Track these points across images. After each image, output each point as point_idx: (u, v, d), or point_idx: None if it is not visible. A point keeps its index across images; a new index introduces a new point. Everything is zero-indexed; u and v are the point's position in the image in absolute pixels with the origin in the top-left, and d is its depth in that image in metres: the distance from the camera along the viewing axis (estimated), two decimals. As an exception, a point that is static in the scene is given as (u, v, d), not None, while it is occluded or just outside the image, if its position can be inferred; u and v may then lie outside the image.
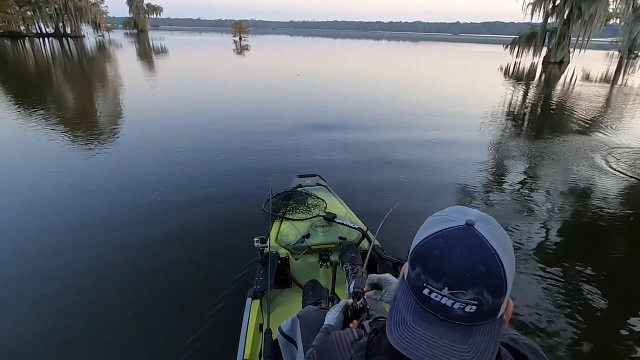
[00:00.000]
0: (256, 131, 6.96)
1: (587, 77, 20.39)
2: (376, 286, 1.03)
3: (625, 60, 35.47)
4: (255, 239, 2.05)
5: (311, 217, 2.40)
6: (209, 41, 53.15)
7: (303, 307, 1.78)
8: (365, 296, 1.04)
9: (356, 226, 2.24)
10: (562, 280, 2.93)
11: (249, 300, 1.82)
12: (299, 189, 2.79)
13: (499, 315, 0.52)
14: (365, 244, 2.21)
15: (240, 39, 51.31)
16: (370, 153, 5.90)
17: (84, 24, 44.25)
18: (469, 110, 9.84)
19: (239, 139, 6.43)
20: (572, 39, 24.72)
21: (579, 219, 4.12)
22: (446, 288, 0.50)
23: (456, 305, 0.50)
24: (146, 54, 27.44)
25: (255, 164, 5.25)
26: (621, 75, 22.14)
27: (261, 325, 1.79)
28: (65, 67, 17.44)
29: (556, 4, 23.81)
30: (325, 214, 2.38)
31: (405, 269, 0.59)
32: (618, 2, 21.57)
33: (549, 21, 24.89)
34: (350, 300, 1.09)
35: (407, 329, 0.52)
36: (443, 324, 0.51)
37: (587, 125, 8.43)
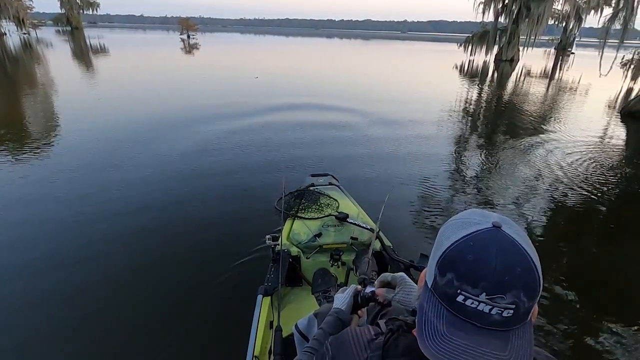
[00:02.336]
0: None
1: (534, 74, 21.49)
2: (389, 285, 1.00)
3: (561, 57, 38.27)
4: (267, 236, 2.09)
5: (323, 217, 2.41)
6: (154, 39, 49.67)
7: (313, 294, 1.95)
8: (376, 294, 1.01)
9: (368, 226, 2.25)
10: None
11: (259, 297, 1.83)
12: (311, 188, 2.79)
13: (529, 318, 0.51)
14: (377, 244, 2.17)
15: (189, 37, 48.25)
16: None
17: (3, 21, 39.02)
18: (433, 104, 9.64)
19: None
20: (521, 37, 25.75)
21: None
22: (484, 293, 0.48)
23: (494, 311, 0.48)
24: (83, 53, 24.60)
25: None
26: (557, 72, 23.88)
27: (271, 323, 1.79)
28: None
29: (505, 3, 24.60)
30: (337, 213, 2.39)
31: (424, 275, 0.58)
32: (563, 2, 22.69)
33: (499, 20, 25.66)
34: (360, 287, 1.07)
35: (443, 340, 0.50)
36: (480, 332, 0.49)
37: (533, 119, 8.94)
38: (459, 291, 0.49)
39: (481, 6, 25.26)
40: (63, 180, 4.60)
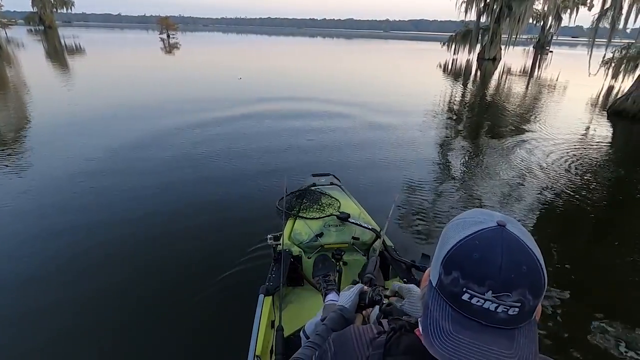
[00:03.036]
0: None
1: (516, 72, 21.92)
2: (397, 294, 1.00)
3: (539, 55, 39.27)
4: (269, 236, 2.10)
5: (325, 216, 2.40)
6: (133, 39, 48.27)
7: (313, 277, 2.04)
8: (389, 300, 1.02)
9: (370, 226, 2.24)
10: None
11: (261, 297, 1.83)
12: (312, 188, 2.78)
13: (533, 316, 0.51)
14: (378, 244, 2.14)
15: (169, 36, 46.98)
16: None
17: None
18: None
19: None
20: (503, 36, 26.13)
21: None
22: (490, 291, 0.48)
23: (500, 309, 0.48)
24: (57, 54, 23.57)
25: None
26: (537, 70, 24.66)
27: (273, 322, 1.78)
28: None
29: (487, 2, 24.89)
30: (338, 213, 2.39)
31: (428, 275, 0.58)
32: (543, 1, 23.11)
33: (481, 19, 25.94)
34: (366, 287, 1.06)
35: (449, 338, 0.50)
36: (486, 330, 0.49)
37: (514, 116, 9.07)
38: (464, 289, 0.50)
39: (464, 5, 25.52)
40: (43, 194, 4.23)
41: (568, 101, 12.78)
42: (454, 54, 28.51)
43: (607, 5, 8.67)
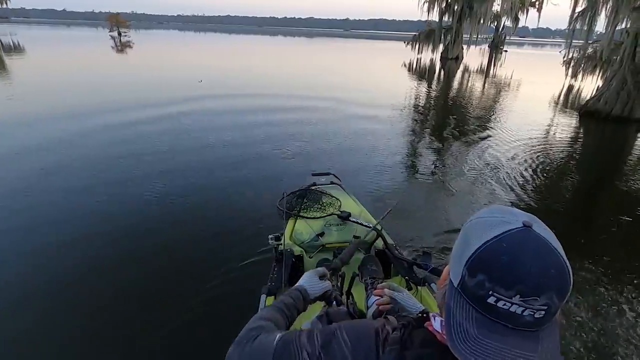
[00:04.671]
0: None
1: (474, 71, 22.58)
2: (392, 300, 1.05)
3: (494, 55, 41.00)
4: (270, 236, 2.10)
5: (325, 216, 2.42)
6: (80, 37, 44.76)
7: None
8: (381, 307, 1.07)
9: (370, 225, 2.23)
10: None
11: (263, 297, 1.79)
12: (313, 187, 2.80)
13: (555, 317, 0.51)
14: (379, 243, 2.14)
15: (120, 34, 43.82)
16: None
17: None
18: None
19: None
20: (465, 36, 26.67)
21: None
22: (518, 295, 0.47)
23: (526, 312, 0.48)
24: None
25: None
26: (493, 68, 25.88)
27: None
28: None
29: (448, 2, 25.25)
30: (339, 212, 2.40)
31: (447, 273, 0.58)
32: (501, 1, 23.77)
33: (444, 19, 26.30)
34: (330, 285, 1.07)
35: (474, 342, 0.49)
36: (512, 333, 0.49)
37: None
38: (490, 292, 0.48)
39: (426, 5, 25.73)
40: None
41: (536, 100, 12.97)
42: (418, 53, 28.77)
43: (581, 7, 8.63)
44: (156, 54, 26.56)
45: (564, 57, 13.80)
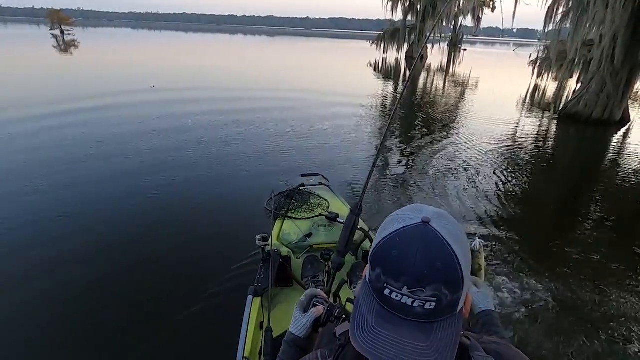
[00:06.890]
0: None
1: (439, 70, 23.08)
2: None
3: (454, 53, 42.17)
4: (258, 236, 2.05)
5: (313, 217, 2.42)
6: (15, 35, 40.65)
7: (302, 279, 2.08)
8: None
9: (359, 227, 2.13)
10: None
11: (249, 298, 1.80)
12: (301, 188, 2.78)
13: (458, 310, 0.52)
14: (367, 244, 2.13)
15: (63, 32, 40.09)
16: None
17: None
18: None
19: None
20: (430, 35, 26.72)
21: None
22: (405, 287, 0.49)
23: (416, 304, 0.50)
24: None
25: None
26: (452, 66, 26.63)
27: (261, 323, 1.77)
28: None
29: (412, 1, 25.16)
30: (327, 213, 2.42)
31: (366, 271, 0.59)
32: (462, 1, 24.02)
33: (407, 18, 26.21)
34: (321, 308, 0.95)
35: (370, 331, 0.51)
36: (405, 324, 0.51)
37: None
38: (385, 285, 0.51)
39: (390, 4, 25.49)
40: None
41: (509, 100, 12.92)
42: (384, 52, 28.56)
43: (570, 5, 8.38)
44: (104, 54, 24.28)
45: (529, 57, 13.90)
